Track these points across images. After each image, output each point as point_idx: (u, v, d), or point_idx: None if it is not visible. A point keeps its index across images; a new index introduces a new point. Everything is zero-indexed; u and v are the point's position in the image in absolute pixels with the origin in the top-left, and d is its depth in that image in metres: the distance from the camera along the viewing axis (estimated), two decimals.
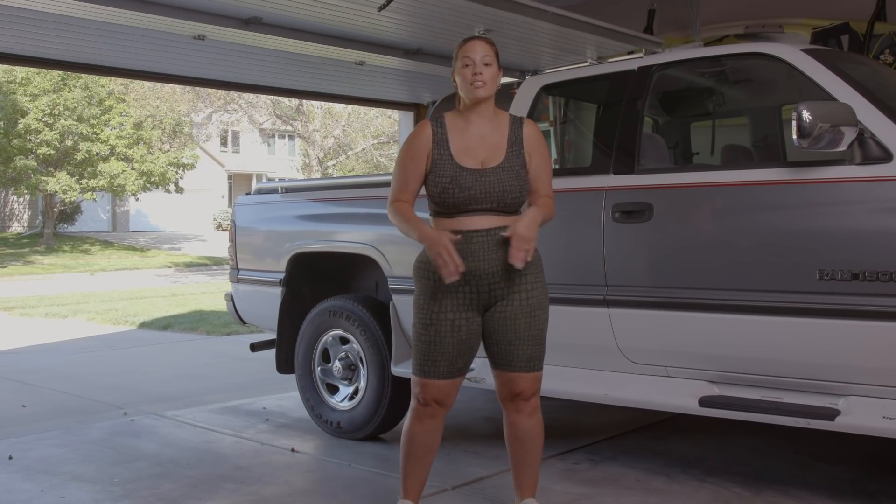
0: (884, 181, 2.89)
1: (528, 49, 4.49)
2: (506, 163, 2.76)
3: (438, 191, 2.76)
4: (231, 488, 3.62)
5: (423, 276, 2.83)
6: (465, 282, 2.75)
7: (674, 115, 4.74)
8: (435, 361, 2.81)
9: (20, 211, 30.70)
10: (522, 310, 2.79)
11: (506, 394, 2.90)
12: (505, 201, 2.74)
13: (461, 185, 2.72)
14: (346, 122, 28.18)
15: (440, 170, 2.76)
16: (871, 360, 2.92)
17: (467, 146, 2.78)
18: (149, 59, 5.00)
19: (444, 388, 2.85)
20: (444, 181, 2.74)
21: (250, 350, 5.20)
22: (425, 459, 2.97)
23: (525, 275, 2.78)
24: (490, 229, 2.74)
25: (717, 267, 3.25)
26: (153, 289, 15.84)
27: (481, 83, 2.74)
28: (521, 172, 2.77)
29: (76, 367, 7.29)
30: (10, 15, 3.93)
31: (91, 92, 23.37)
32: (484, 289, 2.78)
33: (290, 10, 3.90)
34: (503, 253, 2.71)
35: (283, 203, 4.99)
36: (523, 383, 2.85)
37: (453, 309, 2.79)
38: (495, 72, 2.79)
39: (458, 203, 2.74)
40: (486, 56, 2.76)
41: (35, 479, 3.79)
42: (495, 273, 2.76)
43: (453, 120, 2.84)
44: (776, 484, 3.53)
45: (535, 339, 2.83)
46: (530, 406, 2.89)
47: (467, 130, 2.80)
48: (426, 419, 2.90)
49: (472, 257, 2.73)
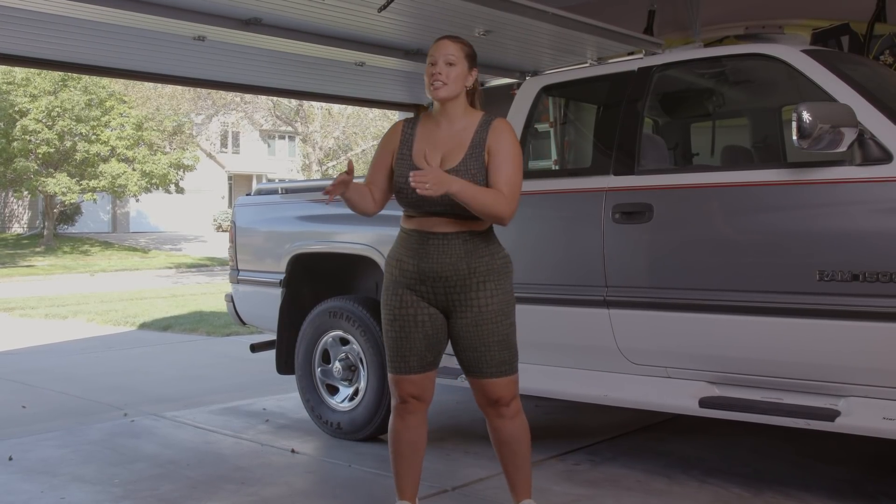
0: (884, 182, 2.89)
1: (528, 50, 4.49)
2: (461, 166, 2.72)
3: (396, 189, 2.81)
4: (231, 489, 3.62)
5: (387, 271, 2.88)
6: (420, 281, 2.78)
7: (674, 116, 4.74)
8: (404, 357, 2.84)
9: (20, 212, 30.69)
10: (483, 316, 2.76)
11: (483, 400, 2.88)
12: (457, 204, 2.66)
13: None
14: (345, 123, 28.19)
15: (399, 169, 2.80)
16: (871, 361, 2.92)
17: (429, 147, 2.76)
18: (148, 60, 4.99)
19: (417, 383, 2.87)
20: (400, 181, 2.78)
21: (250, 351, 5.20)
22: (414, 458, 2.96)
23: (484, 282, 2.76)
24: (447, 233, 2.73)
25: (718, 268, 3.25)
26: (153, 289, 15.84)
27: (441, 83, 2.72)
28: (476, 176, 2.71)
29: (76, 368, 7.29)
30: (9, 15, 3.93)
31: (91, 94, 23.36)
32: (440, 291, 2.78)
33: (289, 11, 3.90)
34: (458, 259, 2.73)
35: (284, 204, 5.00)
36: (498, 389, 2.82)
37: (414, 305, 2.81)
38: (461, 72, 2.75)
39: (412, 203, 2.75)
40: (451, 56, 2.74)
41: (35, 480, 3.79)
42: (450, 278, 2.75)
43: (426, 120, 2.86)
44: (776, 485, 3.53)
45: (502, 344, 2.79)
46: (511, 410, 2.86)
47: (435, 132, 2.80)
48: (407, 416, 2.92)
49: (426, 258, 2.75)
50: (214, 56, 4.82)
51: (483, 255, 2.76)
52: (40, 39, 4.43)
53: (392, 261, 2.86)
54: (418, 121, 2.87)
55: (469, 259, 2.74)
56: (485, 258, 2.76)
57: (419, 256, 2.76)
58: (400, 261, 2.82)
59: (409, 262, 2.79)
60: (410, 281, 2.80)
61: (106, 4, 3.63)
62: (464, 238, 2.74)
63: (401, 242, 2.85)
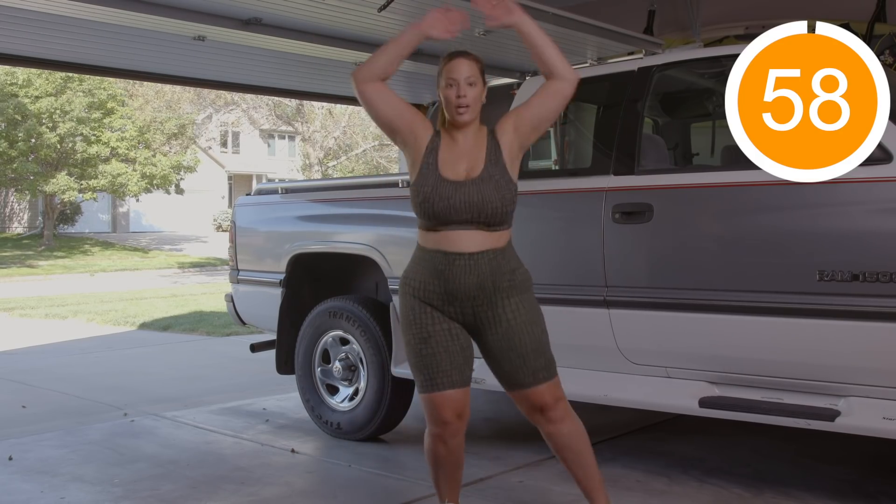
0: (884, 182, 2.89)
1: (528, 50, 4.49)
2: (485, 173, 2.71)
3: (420, 199, 2.72)
4: (231, 489, 3.62)
5: (407, 294, 2.80)
6: (448, 302, 2.73)
7: (674, 116, 4.74)
8: (444, 371, 2.73)
9: (20, 212, 30.70)
10: (514, 328, 2.73)
11: (529, 410, 2.82)
12: (486, 212, 2.67)
13: (441, 194, 2.68)
14: (346, 123, 28.21)
15: (424, 178, 2.73)
16: (871, 361, 2.92)
17: (452, 160, 2.74)
18: (149, 60, 5.00)
19: (460, 399, 2.76)
20: (425, 190, 2.71)
21: (250, 351, 5.20)
22: (457, 473, 2.93)
23: (509, 297, 2.73)
24: (473, 253, 2.69)
25: (718, 268, 3.25)
26: (153, 289, 15.83)
27: (464, 109, 2.71)
28: (500, 182, 2.71)
29: (76, 368, 7.29)
30: (10, 15, 3.93)
31: (93, 95, 23.35)
32: (468, 310, 2.74)
33: (289, 11, 3.90)
34: (484, 278, 2.69)
35: (284, 204, 4.99)
36: (540, 396, 2.76)
37: (445, 320, 2.76)
38: (479, 91, 2.75)
39: (438, 213, 2.69)
40: (471, 77, 2.72)
41: (35, 480, 3.79)
42: (477, 297, 2.72)
43: (444, 133, 2.83)
44: (777, 485, 3.53)
45: (538, 352, 2.76)
46: (559, 413, 2.80)
47: (453, 147, 2.77)
48: (450, 439, 2.80)
49: (453, 280, 2.70)
50: (215, 56, 4.83)
51: (505, 271, 2.73)
52: (42, 39, 4.44)
53: (414, 282, 2.77)
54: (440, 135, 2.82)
55: (494, 277, 2.71)
56: (506, 275, 2.73)
57: (445, 278, 2.70)
58: (424, 282, 2.74)
59: (435, 284, 2.72)
60: (437, 302, 2.74)
61: (107, 4, 3.64)
62: (489, 257, 2.70)
63: (421, 264, 2.77)
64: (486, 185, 2.69)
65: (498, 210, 2.70)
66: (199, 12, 3.87)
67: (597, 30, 4.18)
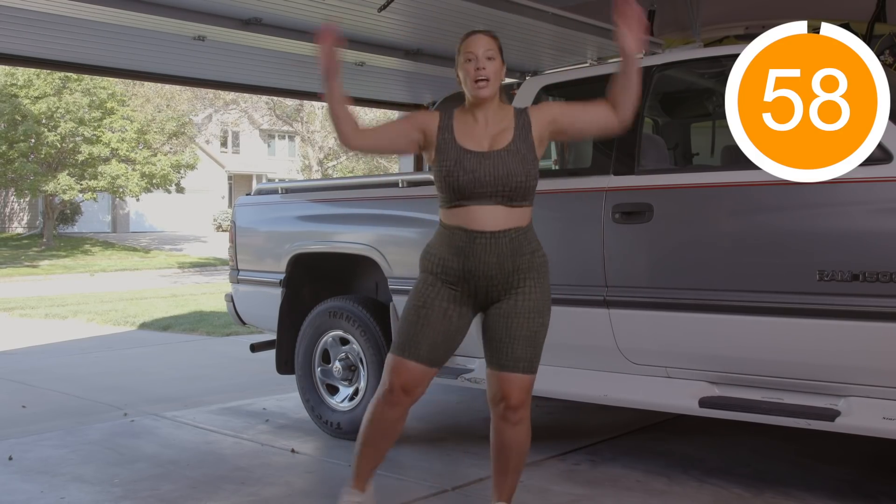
0: (884, 182, 2.89)
1: (529, 50, 4.50)
2: (512, 146, 2.70)
3: (444, 174, 2.70)
4: (231, 489, 3.62)
5: (426, 267, 2.81)
6: (463, 279, 2.72)
7: (674, 116, 4.74)
8: (417, 343, 2.74)
9: (20, 212, 30.69)
10: (518, 309, 2.73)
11: (494, 394, 2.81)
12: (510, 185, 2.66)
13: (465, 167, 2.66)
14: None
15: (444, 153, 2.71)
16: (871, 361, 2.92)
17: (472, 133, 2.74)
18: (149, 60, 5.00)
19: (416, 375, 2.76)
20: (448, 164, 2.69)
21: (250, 351, 5.20)
22: (380, 445, 2.90)
23: (526, 277, 2.73)
24: (495, 232, 2.68)
25: (718, 268, 3.25)
26: (153, 289, 15.84)
27: (484, 82, 2.69)
28: (527, 157, 2.70)
29: (76, 368, 7.29)
30: (10, 15, 3.93)
31: (93, 96, 23.35)
32: (482, 290, 2.75)
33: (290, 11, 3.90)
34: (504, 258, 2.69)
35: (284, 204, 4.99)
36: (510, 386, 2.74)
37: (448, 299, 2.76)
38: (499, 66, 2.73)
39: (462, 186, 2.67)
40: (490, 50, 2.71)
41: (35, 480, 3.79)
42: (494, 276, 2.71)
43: (460, 113, 2.80)
44: (777, 485, 3.53)
45: (529, 341, 2.74)
46: (517, 416, 2.80)
47: (473, 126, 2.76)
48: (390, 407, 2.81)
49: (473, 258, 2.69)
50: (215, 56, 4.83)
51: (525, 252, 2.73)
52: (42, 39, 4.45)
53: (434, 258, 2.78)
54: (452, 113, 2.80)
55: (514, 257, 2.70)
56: (526, 256, 2.73)
57: (465, 255, 2.70)
58: (443, 259, 2.74)
59: (454, 261, 2.72)
60: (453, 279, 2.74)
61: (107, 4, 3.64)
62: (510, 236, 2.69)
63: (443, 240, 2.76)
64: (512, 157, 2.68)
65: (522, 184, 2.68)
66: (199, 12, 3.88)
67: (597, 30, 4.19)
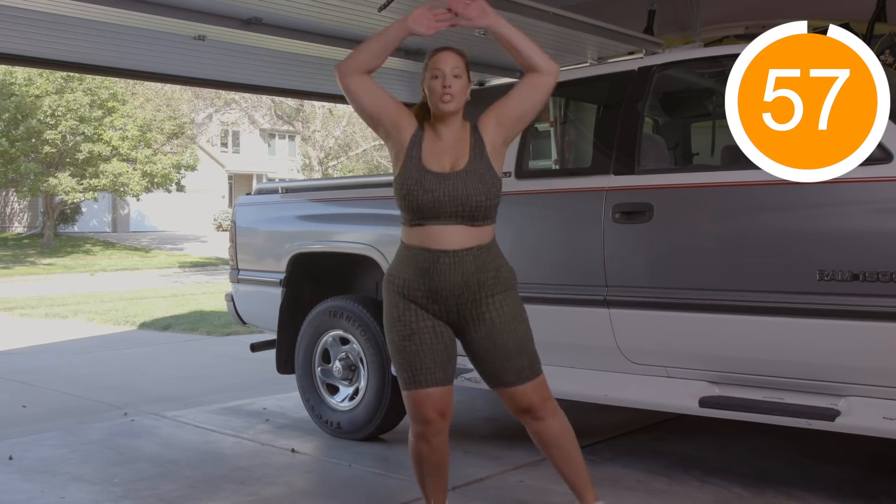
0: (884, 181, 2.89)
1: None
2: (469, 167, 2.71)
3: (404, 192, 2.71)
4: (231, 489, 3.62)
5: (391, 291, 2.79)
6: (431, 300, 2.72)
7: (674, 116, 4.74)
8: (428, 368, 2.73)
9: (20, 212, 30.70)
10: (497, 326, 2.73)
11: (515, 409, 2.82)
12: (470, 205, 2.67)
13: (425, 187, 2.67)
14: (346, 123, 28.19)
15: (407, 171, 2.72)
16: (871, 361, 2.92)
17: (436, 153, 2.74)
18: (149, 60, 5.01)
19: (442, 397, 2.75)
20: (409, 183, 2.70)
21: (250, 350, 5.20)
22: (442, 474, 2.92)
23: (493, 294, 2.73)
24: (458, 251, 2.68)
25: (718, 267, 3.25)
26: (153, 289, 15.83)
27: (449, 97, 2.70)
28: (485, 176, 2.71)
29: (76, 368, 7.29)
30: (10, 15, 3.93)
31: (94, 95, 23.35)
32: (452, 308, 2.74)
33: (290, 11, 3.90)
34: (469, 275, 2.69)
35: (284, 203, 5.00)
36: (525, 396, 2.76)
37: (429, 318, 2.75)
38: (464, 84, 2.75)
39: (422, 207, 2.68)
40: (456, 68, 2.72)
41: (35, 480, 3.79)
42: (460, 294, 2.71)
43: (427, 128, 2.81)
44: (777, 485, 3.53)
45: (520, 350, 2.75)
46: (545, 411, 2.80)
47: (437, 143, 2.76)
48: (432, 438, 2.80)
49: (437, 278, 2.69)
50: (215, 56, 4.84)
51: (489, 269, 2.73)
52: (42, 39, 4.45)
53: (398, 280, 2.77)
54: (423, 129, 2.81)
55: (479, 275, 2.71)
56: (491, 272, 2.73)
57: (429, 276, 2.70)
58: (408, 280, 2.74)
59: (419, 282, 2.72)
60: (421, 301, 2.74)
61: (108, 4, 3.65)
62: (474, 254, 2.70)
63: (405, 262, 2.76)
64: (470, 178, 2.69)
65: (482, 204, 2.70)
66: (200, 12, 3.88)
67: (597, 29, 4.19)
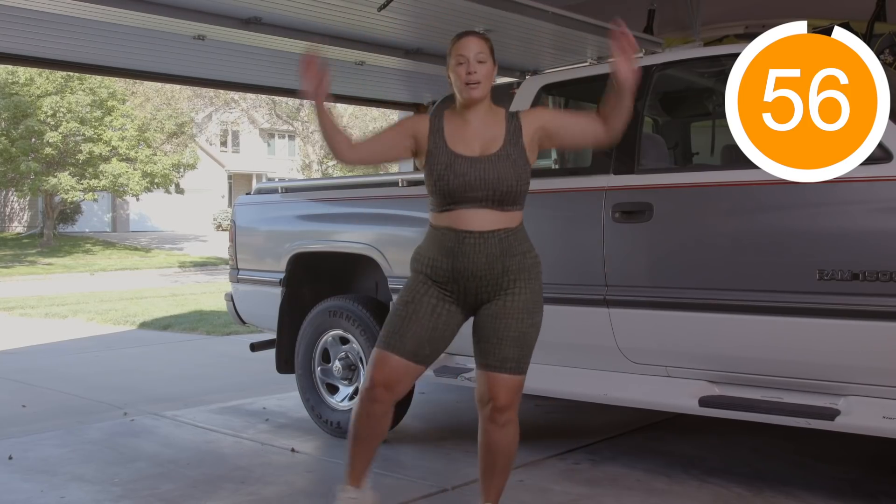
0: (884, 181, 2.90)
1: (529, 49, 4.50)
2: (503, 151, 2.70)
3: (434, 178, 2.70)
4: (231, 488, 3.62)
5: (416, 268, 2.81)
6: (453, 280, 2.72)
7: (674, 115, 4.74)
8: (402, 336, 2.71)
9: (20, 211, 30.69)
10: (508, 310, 2.71)
11: (482, 395, 2.76)
12: (501, 189, 2.67)
13: (456, 171, 2.66)
14: (346, 123, 28.22)
15: (436, 157, 2.71)
16: (871, 360, 2.92)
17: (463, 137, 2.74)
18: (149, 60, 5.00)
19: (397, 370, 2.72)
20: (439, 168, 2.69)
21: (250, 350, 5.20)
22: (368, 442, 2.84)
23: (515, 280, 2.72)
24: (483, 232, 2.68)
25: (718, 267, 3.25)
26: (153, 289, 15.83)
27: (476, 83, 2.68)
28: (518, 162, 2.70)
29: (76, 367, 7.29)
30: (10, 15, 3.93)
31: (94, 94, 23.34)
32: (471, 291, 2.73)
33: (290, 10, 3.90)
34: (494, 259, 2.68)
35: (283, 203, 4.99)
36: (497, 386, 2.71)
37: (438, 297, 2.74)
38: (490, 69, 2.73)
39: (453, 190, 2.67)
40: (481, 53, 2.70)
41: (35, 480, 3.79)
42: (483, 276, 2.70)
43: (451, 116, 2.80)
44: (777, 484, 3.53)
45: (518, 341, 2.72)
46: (504, 417, 2.74)
47: (464, 128, 2.76)
48: (372, 403, 2.76)
49: (462, 258, 2.68)
50: (215, 55, 4.83)
51: (516, 253, 2.72)
52: (43, 39, 4.45)
53: (424, 259, 2.77)
54: (442, 114, 2.80)
55: (504, 258, 2.69)
56: (517, 257, 2.72)
57: (454, 256, 2.69)
58: (433, 260, 2.74)
59: (443, 262, 2.71)
60: (442, 279, 2.73)
61: (108, 4, 3.64)
62: (500, 237, 2.69)
63: (432, 241, 2.76)
64: (502, 162, 2.68)
65: (513, 188, 2.69)
66: (200, 11, 3.88)
67: (597, 29, 4.18)
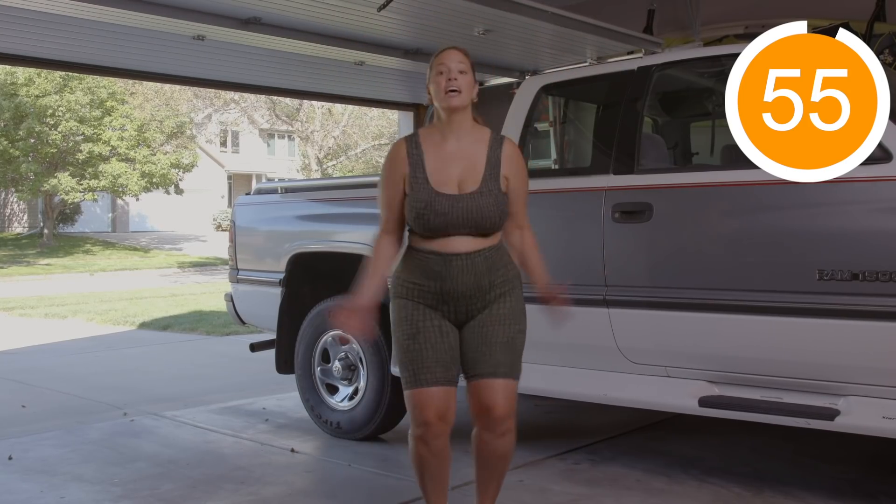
0: (884, 181, 2.90)
1: (528, 49, 4.50)
2: (483, 188, 2.67)
3: (414, 215, 2.67)
4: (231, 488, 3.62)
5: (400, 294, 2.76)
6: (443, 301, 2.70)
7: (673, 115, 4.74)
8: (430, 368, 2.66)
9: (20, 212, 30.68)
10: (493, 318, 2.71)
11: (478, 407, 2.70)
12: (483, 226, 2.66)
13: (437, 210, 2.64)
14: (345, 123, 28.21)
15: (416, 194, 2.67)
16: (870, 360, 2.92)
17: (443, 166, 2.69)
18: (149, 60, 5.00)
19: (443, 399, 2.66)
20: (419, 206, 2.66)
21: (250, 350, 5.20)
22: (441, 473, 2.82)
23: (501, 293, 2.72)
24: (469, 253, 2.67)
25: (717, 267, 3.25)
26: (153, 289, 15.83)
27: (455, 91, 2.64)
28: (499, 196, 2.69)
29: (76, 368, 7.29)
30: (10, 15, 3.93)
31: (93, 94, 23.34)
32: (461, 308, 2.72)
33: (289, 11, 3.90)
34: (481, 276, 2.68)
35: (283, 203, 5.00)
36: (494, 393, 2.65)
37: (437, 318, 2.72)
38: (470, 81, 2.69)
39: (434, 228, 2.66)
40: (462, 63, 2.67)
41: (35, 480, 3.79)
42: (472, 295, 2.70)
43: (428, 135, 2.75)
44: (776, 484, 3.53)
45: (507, 346, 2.71)
46: (504, 426, 2.68)
47: (443, 147, 2.71)
48: (432, 441, 2.70)
49: (450, 279, 2.67)
50: (214, 55, 4.83)
51: (499, 267, 2.73)
52: (42, 39, 4.45)
53: (407, 283, 2.73)
54: (419, 139, 2.75)
55: (490, 274, 2.70)
56: (500, 270, 2.73)
57: (441, 278, 2.67)
58: (418, 284, 2.71)
59: (431, 285, 2.69)
60: (431, 301, 2.71)
61: (107, 4, 3.64)
62: (485, 255, 2.69)
63: (415, 265, 2.72)
64: (484, 199, 2.66)
65: (495, 222, 2.69)
66: (199, 12, 3.87)
67: (596, 29, 4.18)
